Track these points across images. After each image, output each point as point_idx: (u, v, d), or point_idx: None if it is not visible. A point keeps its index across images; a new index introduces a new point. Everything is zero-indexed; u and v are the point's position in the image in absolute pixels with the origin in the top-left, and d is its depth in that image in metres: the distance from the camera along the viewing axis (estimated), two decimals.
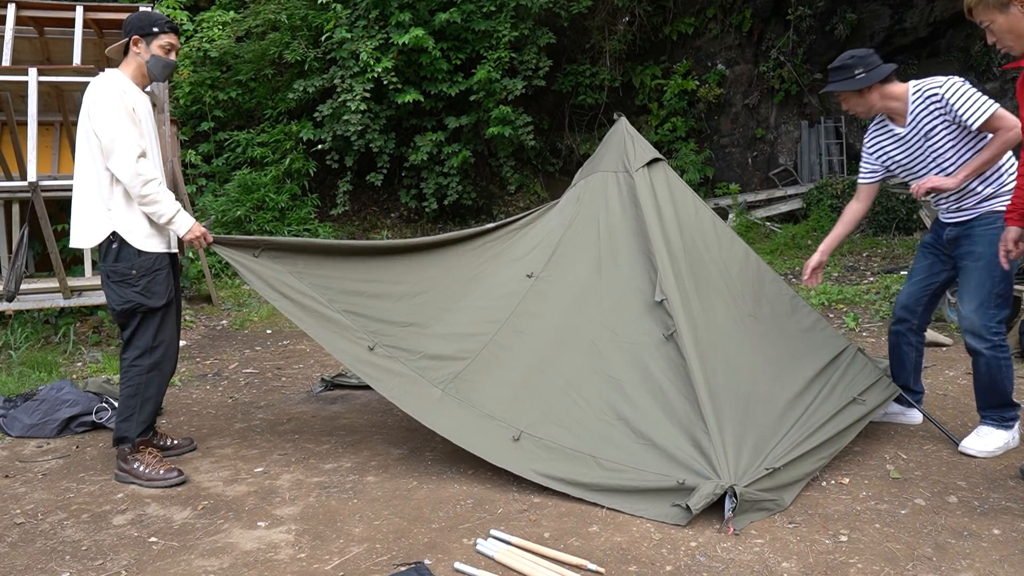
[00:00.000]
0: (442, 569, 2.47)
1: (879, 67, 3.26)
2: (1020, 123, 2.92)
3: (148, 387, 3.26)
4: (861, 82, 3.24)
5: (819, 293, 6.55)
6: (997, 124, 3.03)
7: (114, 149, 3.10)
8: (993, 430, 3.30)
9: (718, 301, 3.52)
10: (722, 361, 3.24)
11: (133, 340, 3.26)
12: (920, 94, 3.20)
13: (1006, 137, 3.03)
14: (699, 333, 3.30)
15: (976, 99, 3.06)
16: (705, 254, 3.68)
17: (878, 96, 3.28)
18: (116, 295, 3.20)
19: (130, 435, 3.25)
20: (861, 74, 3.24)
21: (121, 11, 6.31)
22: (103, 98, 3.15)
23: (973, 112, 3.05)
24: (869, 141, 3.49)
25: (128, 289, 3.18)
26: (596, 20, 10.58)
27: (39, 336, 5.70)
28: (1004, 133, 3.02)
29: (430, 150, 9.67)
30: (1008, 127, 3.01)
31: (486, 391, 3.36)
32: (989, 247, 3.11)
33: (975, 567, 2.41)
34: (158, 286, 3.22)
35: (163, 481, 3.21)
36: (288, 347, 5.66)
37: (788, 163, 10.54)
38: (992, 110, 3.03)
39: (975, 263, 3.17)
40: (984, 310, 3.16)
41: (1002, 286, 3.15)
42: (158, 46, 3.31)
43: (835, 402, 3.27)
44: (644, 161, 3.82)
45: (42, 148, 6.62)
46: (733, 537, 2.62)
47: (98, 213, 3.19)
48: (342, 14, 9.36)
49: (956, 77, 3.18)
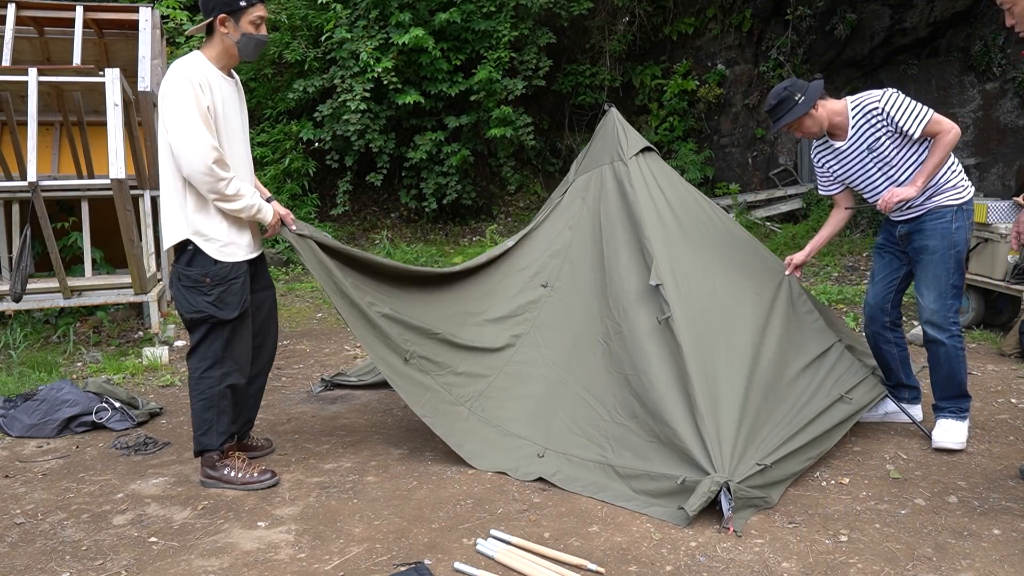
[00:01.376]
0: (442, 569, 2.47)
1: (811, 86, 3.38)
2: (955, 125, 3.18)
3: (222, 399, 3.07)
4: (807, 103, 3.33)
5: (819, 293, 6.55)
6: (936, 129, 3.20)
7: (182, 155, 2.86)
8: (955, 423, 3.37)
9: (720, 282, 3.54)
10: (723, 344, 3.26)
11: (200, 349, 3.05)
12: (859, 109, 3.33)
13: (946, 139, 3.20)
14: (697, 317, 3.31)
15: (913, 108, 3.22)
16: (704, 237, 3.71)
17: (823, 112, 3.39)
18: (186, 301, 3.00)
19: (212, 446, 3.10)
20: (800, 98, 3.35)
21: (121, 11, 6.32)
22: (173, 95, 2.86)
23: (912, 121, 3.21)
24: (815, 158, 3.62)
25: (200, 297, 2.97)
26: (596, 20, 10.58)
27: (39, 336, 5.70)
28: (944, 136, 3.19)
29: (430, 149, 9.67)
30: (946, 130, 3.19)
31: (510, 408, 3.44)
32: (941, 240, 3.26)
33: (975, 567, 2.41)
34: (232, 297, 3.00)
35: (258, 484, 3.10)
36: (288, 347, 5.65)
37: (788, 163, 10.54)
38: (928, 116, 3.19)
39: (930, 256, 3.29)
40: (943, 300, 3.28)
41: (956, 277, 3.29)
42: (248, 22, 2.95)
43: (823, 399, 3.28)
44: (637, 149, 3.86)
45: (42, 148, 6.62)
46: (733, 537, 2.62)
47: (176, 214, 2.98)
48: (342, 14, 9.36)
49: (890, 89, 3.33)
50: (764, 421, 3.06)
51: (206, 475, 3.16)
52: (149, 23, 5.88)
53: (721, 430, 2.92)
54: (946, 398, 3.39)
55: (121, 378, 4.79)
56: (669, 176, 3.91)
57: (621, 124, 3.96)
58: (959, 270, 3.30)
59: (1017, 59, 9.15)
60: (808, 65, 10.10)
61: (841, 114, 3.38)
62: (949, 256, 3.26)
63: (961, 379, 3.34)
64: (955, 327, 3.30)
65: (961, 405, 3.37)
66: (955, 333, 3.30)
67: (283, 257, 9.02)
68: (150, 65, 5.64)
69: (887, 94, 3.28)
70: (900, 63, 9.80)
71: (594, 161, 4.00)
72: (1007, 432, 3.54)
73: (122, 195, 4.82)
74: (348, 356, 5.35)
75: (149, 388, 4.66)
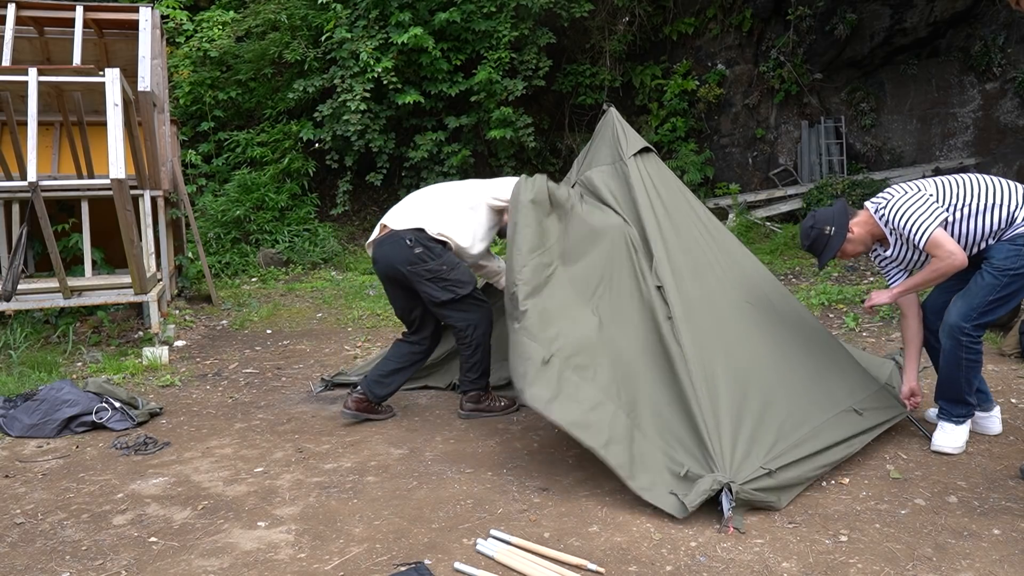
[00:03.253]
0: (442, 569, 2.47)
1: (836, 211, 3.33)
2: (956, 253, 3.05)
3: (487, 346, 3.89)
4: (840, 234, 3.30)
5: (819, 293, 6.55)
6: (933, 252, 3.12)
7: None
8: (954, 427, 3.35)
9: (716, 287, 3.53)
10: (721, 348, 3.25)
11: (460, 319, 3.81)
12: (882, 218, 3.28)
13: (939, 267, 3.12)
14: (697, 319, 3.30)
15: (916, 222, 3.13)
16: (700, 241, 3.70)
17: (859, 231, 3.33)
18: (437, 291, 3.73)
19: (482, 386, 3.93)
20: (831, 229, 3.30)
21: (121, 11, 6.32)
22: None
23: (916, 235, 3.14)
24: (877, 262, 3.55)
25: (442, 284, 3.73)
26: (596, 20, 10.58)
27: (39, 336, 5.70)
28: (938, 263, 3.11)
29: (430, 149, 9.67)
30: (942, 257, 3.09)
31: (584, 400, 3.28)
32: (1004, 260, 3.13)
33: (975, 567, 2.41)
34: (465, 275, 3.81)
35: (511, 408, 4.00)
36: (288, 347, 5.66)
37: (788, 163, 10.54)
38: (928, 235, 3.10)
39: (987, 269, 3.18)
40: (969, 311, 3.19)
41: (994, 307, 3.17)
42: None
43: (832, 407, 3.26)
44: (636, 149, 3.85)
45: (42, 148, 6.62)
46: (733, 537, 2.62)
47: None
48: (342, 14, 9.36)
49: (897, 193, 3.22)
50: (768, 424, 3.05)
51: (470, 410, 3.95)
52: (149, 23, 5.88)
53: (722, 429, 2.92)
54: (942, 398, 3.38)
55: (121, 378, 4.79)
56: (665, 178, 3.91)
57: (620, 124, 3.96)
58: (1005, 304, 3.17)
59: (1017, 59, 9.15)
60: (808, 65, 10.11)
61: (875, 224, 3.32)
62: (1002, 277, 3.12)
63: (959, 385, 3.28)
64: (968, 336, 3.20)
65: (955, 411, 3.34)
66: (965, 343, 3.21)
67: (283, 257, 9.02)
68: (150, 65, 5.64)
69: (892, 202, 3.20)
70: (900, 63, 9.80)
71: (597, 160, 4.00)
72: (1007, 432, 3.54)
73: (122, 195, 4.82)
74: (348, 356, 5.36)
75: (149, 388, 4.66)
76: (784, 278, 7.52)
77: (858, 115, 10.12)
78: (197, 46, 9.82)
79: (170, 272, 6.85)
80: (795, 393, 3.24)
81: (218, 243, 8.97)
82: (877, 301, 3.33)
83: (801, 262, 8.15)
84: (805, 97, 10.32)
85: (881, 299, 3.33)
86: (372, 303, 6.99)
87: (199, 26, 10.11)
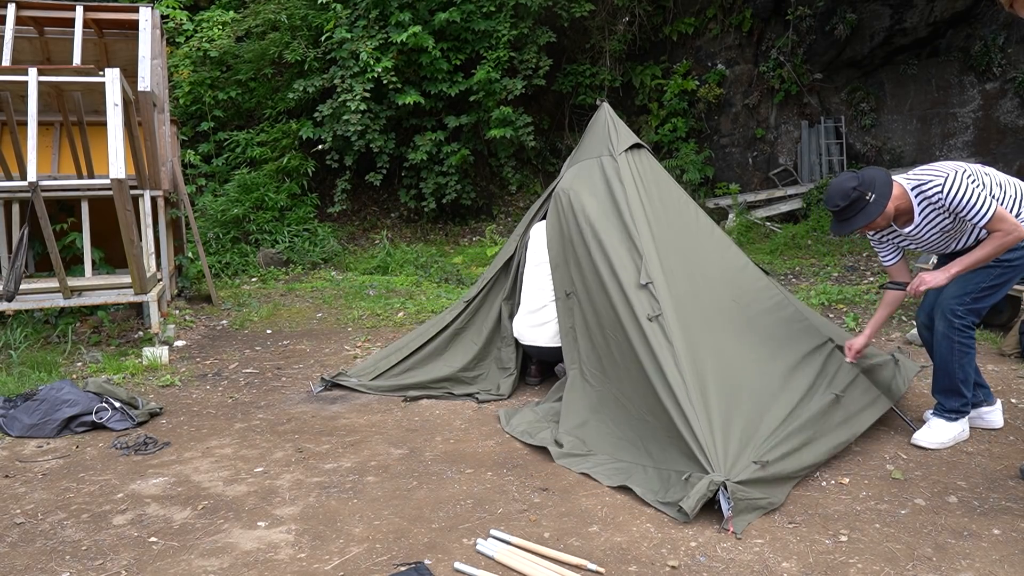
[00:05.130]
0: (442, 569, 2.47)
1: (879, 178, 3.19)
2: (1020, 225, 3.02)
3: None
4: (880, 203, 3.15)
5: (819, 293, 6.55)
6: (997, 226, 3.06)
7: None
8: (943, 423, 3.38)
9: (705, 284, 3.54)
10: (710, 345, 3.26)
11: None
12: (923, 197, 3.17)
13: (1004, 241, 3.06)
14: (686, 317, 3.31)
15: (978, 202, 3.06)
16: (689, 238, 3.71)
17: (891, 205, 3.21)
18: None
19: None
20: (872, 196, 3.16)
21: (121, 11, 6.32)
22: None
23: (977, 215, 3.06)
24: (876, 241, 3.46)
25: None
26: (596, 20, 10.58)
27: (39, 336, 5.70)
28: (1002, 236, 3.06)
29: (430, 150, 9.67)
30: (1007, 231, 3.04)
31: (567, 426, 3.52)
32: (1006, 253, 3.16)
33: (975, 567, 2.41)
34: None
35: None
36: (288, 347, 5.65)
37: (788, 163, 10.54)
38: (992, 212, 3.04)
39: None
40: (962, 296, 3.23)
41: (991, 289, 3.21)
42: None
43: (817, 399, 3.27)
44: (627, 145, 3.86)
45: (42, 148, 6.62)
46: (733, 537, 2.62)
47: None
48: (342, 14, 9.36)
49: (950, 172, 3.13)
50: (758, 419, 3.06)
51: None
52: (149, 23, 5.88)
53: (714, 428, 2.93)
54: (937, 390, 3.40)
55: (121, 378, 4.79)
56: (657, 174, 3.92)
57: (612, 120, 3.97)
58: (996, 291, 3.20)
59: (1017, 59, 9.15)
60: (808, 65, 10.11)
61: (904, 199, 3.22)
62: (997, 267, 3.16)
63: (951, 370, 3.30)
64: (959, 319, 3.24)
65: (949, 404, 3.36)
66: (957, 325, 3.24)
67: (283, 257, 9.02)
68: (150, 65, 5.64)
69: (950, 183, 3.09)
70: (900, 63, 9.81)
71: (584, 155, 4.02)
72: (1007, 432, 3.54)
73: (122, 195, 4.81)
74: (348, 356, 5.36)
75: (149, 388, 4.66)
76: (784, 278, 7.52)
77: (858, 115, 10.12)
78: (197, 46, 9.82)
79: (170, 272, 6.85)
80: (783, 389, 3.25)
81: (218, 243, 8.97)
82: (933, 283, 3.18)
83: (801, 262, 8.15)
84: (805, 97, 10.32)
85: (937, 280, 3.17)
86: (372, 303, 6.99)
87: (199, 26, 10.11)
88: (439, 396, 4.29)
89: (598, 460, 3.24)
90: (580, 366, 3.69)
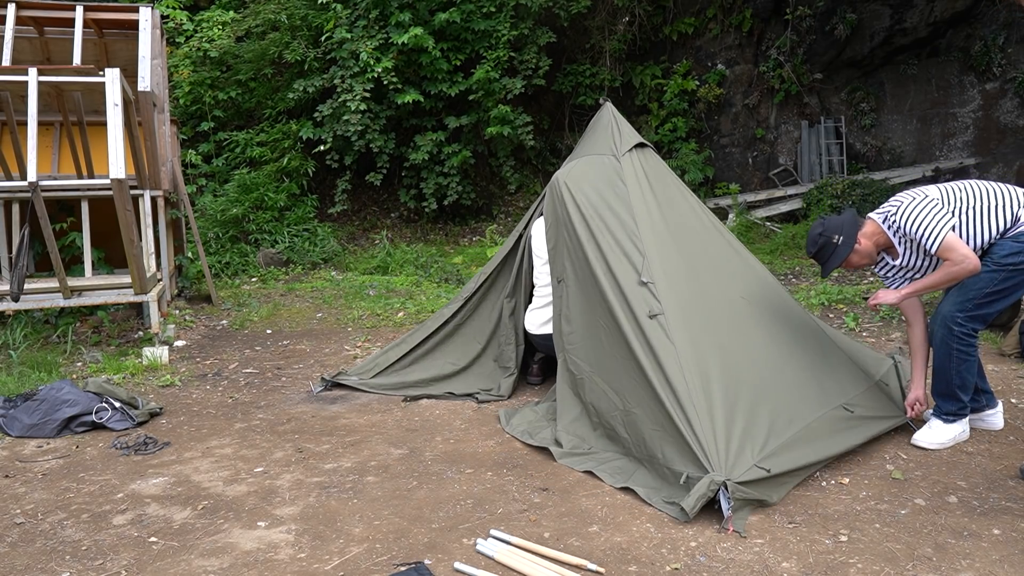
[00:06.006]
0: (442, 569, 2.47)
1: (846, 221, 3.31)
2: (970, 256, 3.05)
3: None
4: (847, 244, 3.29)
5: (819, 293, 6.54)
6: (946, 255, 3.12)
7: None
8: (941, 424, 3.38)
9: (710, 283, 3.53)
10: (714, 344, 3.26)
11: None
12: (891, 227, 3.28)
13: (952, 271, 3.12)
14: (690, 316, 3.30)
15: (929, 226, 3.12)
16: (694, 236, 3.70)
17: (867, 243, 3.33)
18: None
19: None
20: (839, 239, 3.29)
21: (121, 11, 6.32)
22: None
23: (928, 239, 3.13)
24: (880, 272, 3.54)
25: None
26: (596, 20, 10.58)
27: (39, 336, 5.70)
28: (952, 266, 3.12)
29: (430, 150, 9.67)
30: (956, 261, 3.09)
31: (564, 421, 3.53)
32: (1004, 256, 3.15)
33: (975, 567, 2.41)
34: None
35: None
36: (288, 347, 5.65)
37: (788, 163, 10.54)
38: (941, 239, 3.10)
39: (986, 262, 3.20)
40: (963, 304, 3.22)
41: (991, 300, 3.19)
42: None
43: (823, 404, 3.27)
44: (630, 145, 3.85)
45: (42, 148, 6.62)
46: (733, 537, 2.62)
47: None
48: (342, 14, 9.36)
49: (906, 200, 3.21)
50: (760, 421, 3.05)
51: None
52: (149, 23, 5.88)
53: (716, 427, 2.92)
54: (935, 392, 3.40)
55: (121, 378, 4.79)
56: (661, 174, 3.91)
57: (615, 119, 3.96)
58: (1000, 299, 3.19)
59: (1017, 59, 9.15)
60: (808, 65, 10.11)
61: (880, 234, 3.32)
62: (1000, 271, 3.15)
63: (948, 376, 3.30)
64: (960, 327, 3.23)
65: (946, 407, 3.36)
66: (957, 333, 3.24)
67: (283, 257, 9.02)
68: (150, 65, 5.64)
69: (903, 212, 3.18)
70: (900, 63, 9.81)
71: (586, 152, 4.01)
72: (1007, 432, 3.54)
73: (122, 195, 4.82)
74: (348, 356, 5.35)
75: (149, 388, 4.66)
76: (784, 278, 7.52)
77: (858, 115, 10.12)
78: (197, 46, 9.82)
79: (170, 272, 6.85)
80: (787, 390, 3.25)
81: (218, 243, 8.97)
82: (883, 300, 3.32)
83: (801, 262, 8.15)
84: (805, 97, 10.32)
85: (888, 299, 3.31)
86: (372, 303, 6.99)
87: (199, 26, 10.11)
88: (439, 396, 4.30)
89: (601, 458, 3.24)
90: (565, 354, 3.68)
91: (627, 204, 3.64)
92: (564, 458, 3.30)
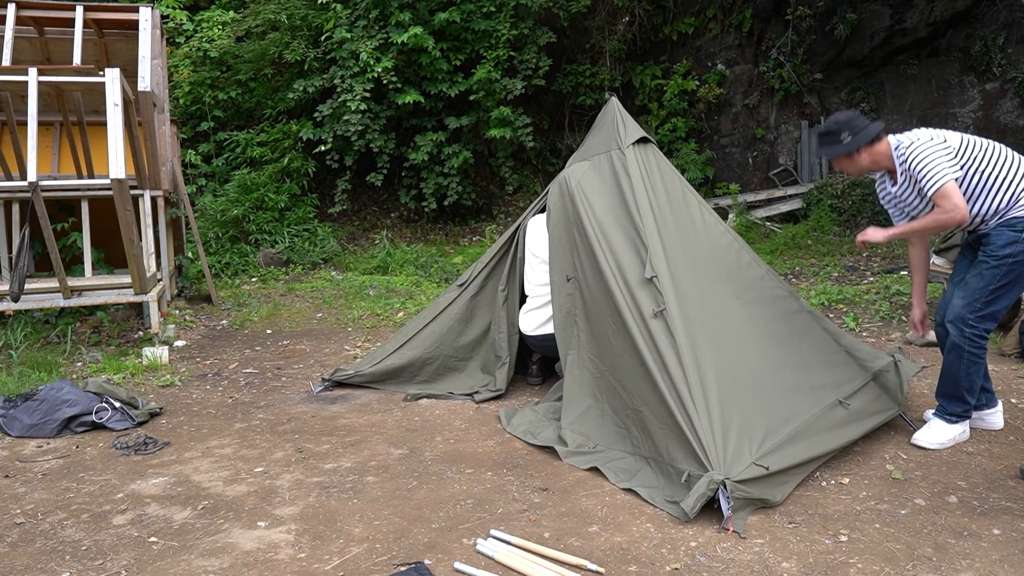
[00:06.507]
0: (442, 569, 2.47)
1: (865, 129, 3.29)
2: (960, 207, 3.05)
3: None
4: (847, 147, 3.29)
5: (819, 293, 6.55)
6: (938, 202, 3.13)
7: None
8: (943, 424, 3.38)
9: (708, 280, 3.53)
10: (711, 340, 3.26)
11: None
12: (900, 155, 3.27)
13: (939, 219, 3.14)
14: (689, 312, 3.31)
15: (931, 171, 3.12)
16: (694, 234, 3.71)
17: (867, 158, 3.33)
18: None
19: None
20: (847, 138, 3.29)
21: (121, 11, 6.32)
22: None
23: (927, 183, 3.14)
24: (878, 187, 3.56)
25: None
26: (596, 20, 10.58)
27: (39, 336, 5.70)
28: (939, 214, 3.13)
29: (430, 150, 9.67)
30: (946, 209, 3.10)
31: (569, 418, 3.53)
32: (1004, 247, 3.15)
33: (975, 567, 2.41)
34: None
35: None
36: (288, 347, 5.65)
37: (788, 163, 10.54)
38: (939, 186, 3.10)
39: (985, 258, 3.21)
40: (970, 303, 3.22)
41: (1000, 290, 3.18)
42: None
43: (820, 400, 3.27)
44: (634, 138, 3.86)
45: (42, 148, 6.62)
46: (733, 537, 2.62)
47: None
48: (342, 14, 9.36)
49: (924, 137, 3.20)
50: (757, 418, 3.05)
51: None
52: (149, 23, 5.88)
53: (714, 424, 2.92)
54: (941, 394, 3.40)
55: (121, 378, 4.79)
56: (663, 169, 3.92)
57: (620, 113, 3.97)
58: (1005, 295, 3.19)
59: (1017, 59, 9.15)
60: (808, 65, 10.11)
61: (888, 157, 3.30)
62: (1001, 265, 3.15)
63: (957, 377, 3.30)
64: (972, 328, 3.22)
65: (948, 407, 3.36)
66: (969, 335, 3.22)
67: (283, 257, 9.02)
68: (150, 65, 5.64)
69: (916, 145, 3.18)
70: (900, 63, 9.80)
71: (592, 150, 4.02)
72: (1007, 432, 3.54)
73: (122, 195, 4.82)
74: (348, 356, 5.36)
75: (149, 388, 4.66)
76: (784, 278, 7.51)
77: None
78: (197, 46, 9.82)
79: (170, 272, 6.85)
80: (783, 387, 3.25)
81: (218, 243, 8.97)
82: (871, 238, 3.32)
83: (801, 262, 8.15)
84: (805, 97, 10.32)
85: (876, 237, 3.31)
86: (372, 303, 6.99)
87: (199, 26, 10.11)
88: (440, 396, 4.29)
89: (606, 456, 3.23)
90: (579, 351, 3.67)
91: (632, 198, 3.65)
92: (569, 457, 3.30)
